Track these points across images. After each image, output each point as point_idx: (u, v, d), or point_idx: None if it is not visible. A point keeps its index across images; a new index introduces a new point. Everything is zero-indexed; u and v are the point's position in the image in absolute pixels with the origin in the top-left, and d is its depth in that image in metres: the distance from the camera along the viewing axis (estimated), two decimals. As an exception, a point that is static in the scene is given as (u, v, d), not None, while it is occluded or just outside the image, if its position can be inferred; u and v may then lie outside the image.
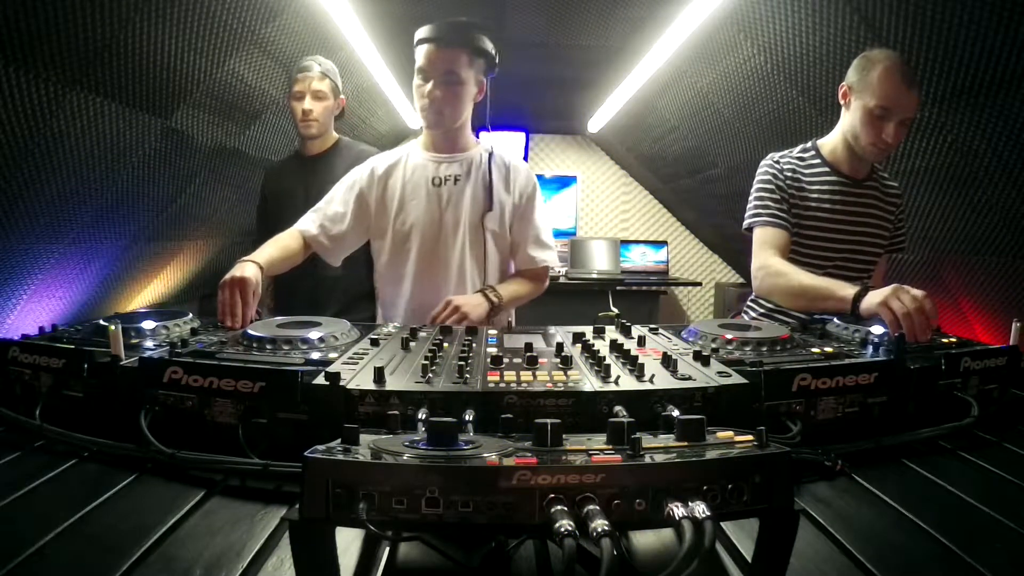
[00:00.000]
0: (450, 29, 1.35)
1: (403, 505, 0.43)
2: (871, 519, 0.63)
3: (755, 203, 1.48)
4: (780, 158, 1.50)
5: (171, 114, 1.79)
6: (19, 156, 1.38)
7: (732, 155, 2.90)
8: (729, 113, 2.59)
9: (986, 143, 1.56)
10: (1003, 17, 1.27)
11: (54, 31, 1.24)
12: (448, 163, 1.48)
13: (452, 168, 1.47)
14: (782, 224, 1.43)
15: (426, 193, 1.46)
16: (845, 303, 1.20)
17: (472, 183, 1.46)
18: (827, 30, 1.69)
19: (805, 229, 1.46)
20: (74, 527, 0.59)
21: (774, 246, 1.42)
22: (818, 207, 1.45)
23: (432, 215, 1.45)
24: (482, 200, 1.45)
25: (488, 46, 1.39)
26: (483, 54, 1.39)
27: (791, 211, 1.45)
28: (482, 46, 1.38)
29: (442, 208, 1.45)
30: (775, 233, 1.43)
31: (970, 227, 1.82)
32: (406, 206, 1.46)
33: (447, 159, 1.48)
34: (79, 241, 1.79)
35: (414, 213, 1.45)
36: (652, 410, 0.71)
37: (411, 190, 1.46)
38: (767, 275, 1.40)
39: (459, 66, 1.36)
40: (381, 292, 1.57)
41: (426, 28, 1.36)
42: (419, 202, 1.46)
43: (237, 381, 0.74)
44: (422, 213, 1.45)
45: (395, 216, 1.47)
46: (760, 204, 1.46)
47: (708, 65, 2.36)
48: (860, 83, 1.37)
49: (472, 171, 1.47)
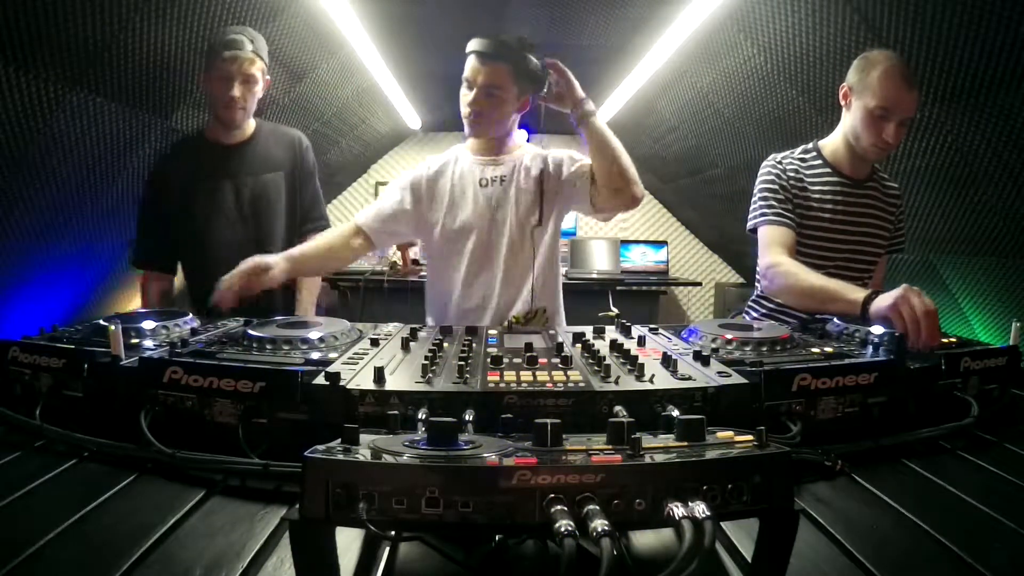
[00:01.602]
0: (495, 45, 1.37)
1: (403, 505, 0.43)
2: (871, 519, 0.63)
3: (759, 203, 1.48)
4: (782, 158, 1.50)
5: (171, 114, 1.79)
6: (19, 156, 1.38)
7: (732, 155, 2.90)
8: (729, 113, 2.59)
9: (986, 143, 1.56)
10: (1003, 17, 1.27)
11: (54, 31, 1.24)
12: (493, 165, 1.51)
13: (497, 170, 1.50)
14: (788, 223, 1.43)
15: (473, 193, 1.49)
16: (855, 307, 1.19)
17: (515, 186, 1.48)
18: (827, 30, 1.69)
19: (807, 229, 1.46)
20: (74, 527, 0.59)
21: (782, 244, 1.41)
22: (820, 207, 1.46)
23: (482, 215, 1.48)
24: (527, 203, 1.47)
25: (533, 66, 1.40)
26: (526, 73, 1.40)
27: (795, 211, 1.45)
28: (527, 65, 1.39)
29: (492, 208, 1.48)
30: (782, 231, 1.43)
31: (970, 227, 1.82)
32: (456, 205, 1.50)
33: (491, 161, 1.51)
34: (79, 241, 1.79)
35: (464, 212, 1.48)
36: (652, 410, 0.71)
37: (460, 191, 1.50)
38: (777, 274, 1.39)
39: (500, 81, 1.39)
40: (429, 291, 1.59)
41: (475, 40, 1.39)
42: (468, 202, 1.49)
43: (237, 381, 0.74)
44: (472, 213, 1.48)
45: (445, 214, 1.50)
46: (765, 203, 1.46)
47: (708, 65, 2.36)
48: (860, 84, 1.37)
49: (515, 174, 1.49)
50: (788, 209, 1.44)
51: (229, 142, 1.67)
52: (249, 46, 1.55)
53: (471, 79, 1.40)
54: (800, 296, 1.37)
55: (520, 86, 1.42)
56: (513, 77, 1.40)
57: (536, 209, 1.46)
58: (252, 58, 1.56)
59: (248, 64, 1.55)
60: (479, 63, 1.38)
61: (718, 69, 2.33)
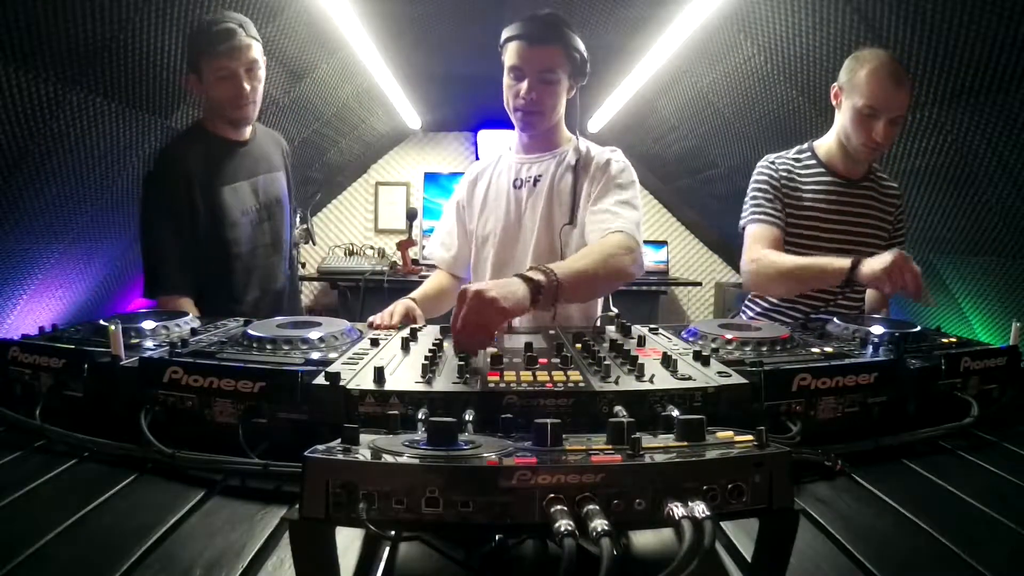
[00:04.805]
0: (545, 25, 1.27)
1: (403, 505, 0.43)
2: (871, 519, 0.63)
3: (749, 203, 1.48)
4: (775, 159, 1.51)
5: (171, 114, 1.79)
6: (19, 156, 1.38)
7: (732, 155, 2.90)
8: (729, 113, 2.59)
9: (986, 143, 1.56)
10: (1003, 17, 1.27)
11: (54, 31, 1.24)
12: (532, 163, 1.40)
13: (535, 169, 1.39)
14: (774, 222, 1.43)
15: (506, 196, 1.41)
16: (840, 274, 1.21)
17: (551, 184, 1.36)
18: (827, 30, 1.69)
19: (800, 229, 1.46)
20: (74, 527, 0.59)
21: (764, 241, 1.42)
22: (812, 207, 1.46)
23: (508, 219, 1.39)
24: (562, 204, 1.35)
25: (580, 44, 1.30)
26: (577, 53, 1.30)
27: (785, 211, 1.45)
28: (575, 44, 1.30)
29: (520, 211, 1.38)
30: (766, 229, 1.43)
31: (970, 227, 1.82)
32: (487, 209, 1.43)
33: (533, 160, 1.41)
34: (79, 241, 1.79)
35: (493, 217, 1.41)
36: (652, 410, 0.71)
37: (494, 193, 1.43)
38: (756, 267, 1.40)
39: (554, 64, 1.28)
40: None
41: (518, 24, 1.28)
42: (499, 205, 1.41)
43: (237, 381, 0.74)
44: (499, 217, 1.40)
45: (477, 220, 1.45)
46: (754, 203, 1.47)
47: (708, 65, 2.36)
48: (849, 83, 1.37)
49: (555, 170, 1.37)
50: (777, 209, 1.44)
51: (237, 139, 1.55)
52: (242, 32, 1.40)
53: (521, 66, 1.28)
54: (781, 280, 1.36)
55: (571, 69, 1.31)
56: (565, 59, 1.29)
57: (569, 208, 1.33)
58: (249, 43, 1.42)
59: (247, 51, 1.42)
60: (528, 47, 1.26)
61: (718, 69, 2.33)
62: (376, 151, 4.26)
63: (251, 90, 1.44)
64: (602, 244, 1.19)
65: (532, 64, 1.27)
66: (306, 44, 2.13)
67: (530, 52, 1.27)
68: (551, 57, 1.27)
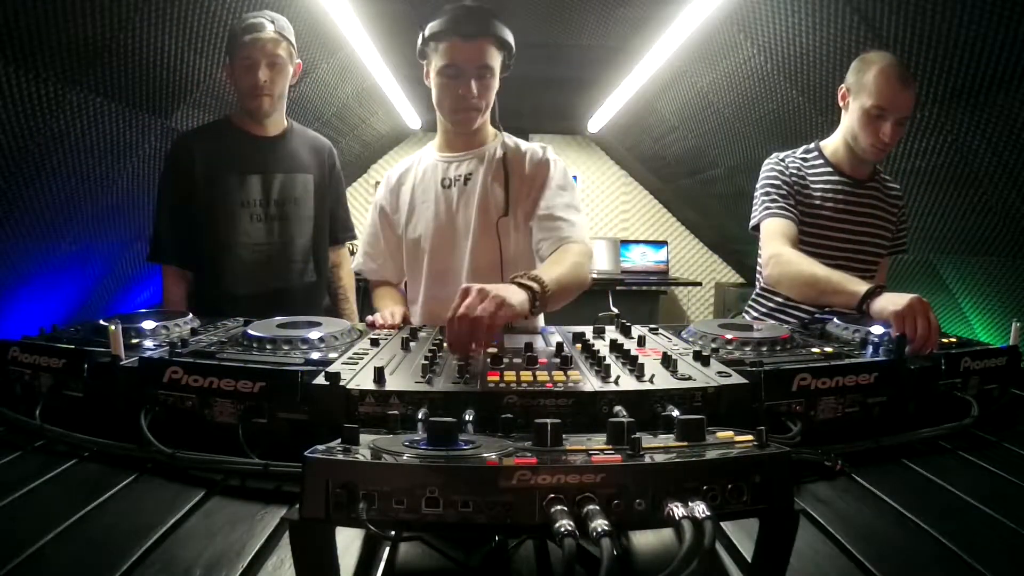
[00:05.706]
0: (479, 18, 1.22)
1: (403, 505, 0.43)
2: (871, 519, 0.63)
3: (762, 198, 1.48)
4: (784, 157, 1.51)
5: (171, 114, 1.79)
6: (19, 156, 1.38)
7: (732, 155, 2.90)
8: (729, 113, 2.59)
9: (986, 143, 1.56)
10: (1003, 17, 1.27)
11: (54, 31, 1.24)
12: (459, 162, 1.36)
13: (463, 167, 1.35)
14: (790, 216, 1.43)
15: (435, 197, 1.35)
16: (853, 299, 1.19)
17: (483, 181, 1.32)
18: (827, 30, 1.70)
19: (808, 227, 1.46)
20: (74, 527, 0.59)
21: (784, 236, 1.41)
22: (821, 206, 1.46)
23: (440, 220, 1.34)
24: (495, 200, 1.31)
25: (509, 34, 1.27)
26: (506, 44, 1.26)
27: (797, 207, 1.45)
28: (506, 34, 1.26)
29: (452, 211, 1.34)
30: (784, 224, 1.42)
31: (970, 227, 1.82)
32: (415, 213, 1.38)
33: (459, 158, 1.36)
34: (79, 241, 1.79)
35: (423, 220, 1.36)
36: (652, 410, 0.71)
37: (420, 195, 1.37)
38: (778, 263, 1.38)
39: (490, 59, 1.24)
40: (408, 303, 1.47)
41: (446, 19, 1.21)
42: (428, 207, 1.36)
43: (237, 381, 0.74)
44: (431, 219, 1.35)
45: (406, 224, 1.39)
46: (767, 198, 1.46)
47: (708, 65, 2.36)
48: (857, 84, 1.38)
49: (484, 167, 1.33)
50: (791, 204, 1.44)
51: (259, 134, 1.56)
52: (271, 27, 1.45)
53: (458, 63, 1.22)
54: (802, 285, 1.36)
55: (504, 60, 1.27)
56: (499, 50, 1.25)
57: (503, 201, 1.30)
58: (276, 38, 1.45)
59: (272, 45, 1.45)
60: (463, 42, 1.21)
61: (718, 69, 2.33)
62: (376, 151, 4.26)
63: (268, 82, 1.47)
64: (568, 253, 1.19)
65: (471, 60, 1.22)
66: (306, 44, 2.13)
67: (467, 48, 1.21)
68: (487, 50, 1.23)
